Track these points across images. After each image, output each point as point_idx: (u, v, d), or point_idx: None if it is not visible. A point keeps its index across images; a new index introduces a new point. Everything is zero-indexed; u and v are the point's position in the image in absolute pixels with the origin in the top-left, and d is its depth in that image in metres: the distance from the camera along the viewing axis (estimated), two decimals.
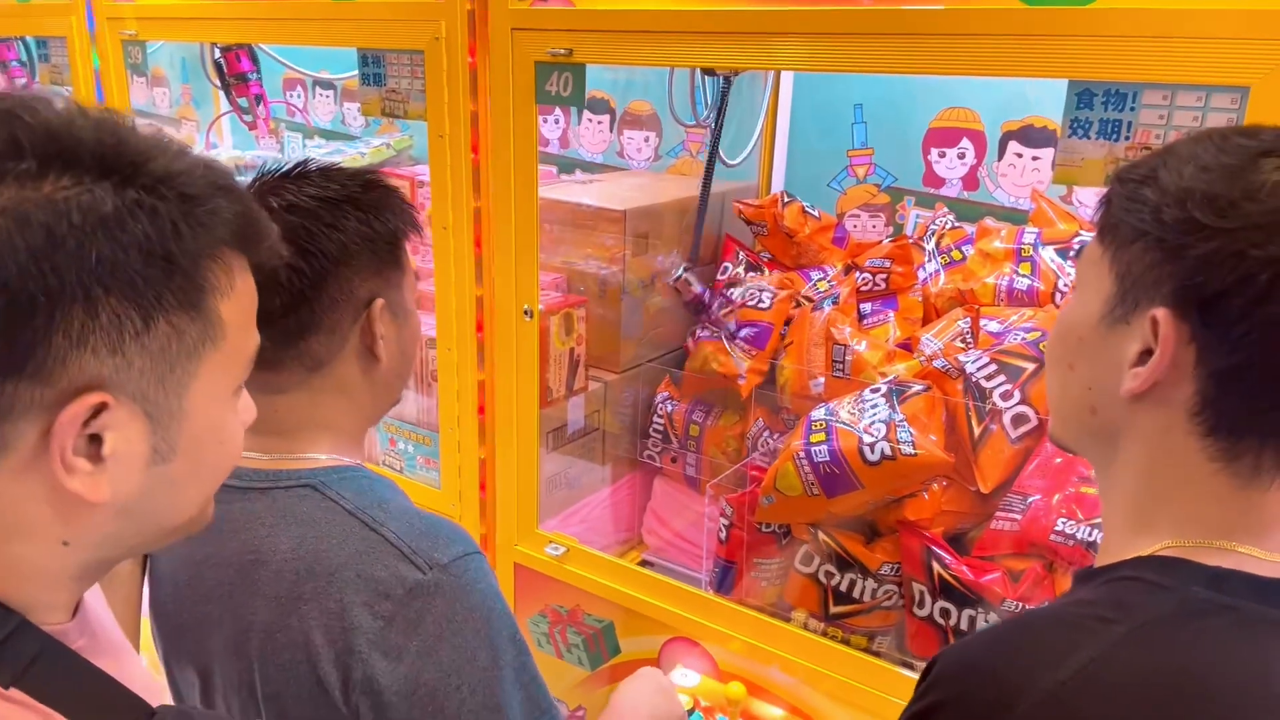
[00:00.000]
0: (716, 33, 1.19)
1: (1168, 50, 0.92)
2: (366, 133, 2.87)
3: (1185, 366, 0.63)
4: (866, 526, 1.33)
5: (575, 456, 1.83)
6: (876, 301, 1.72)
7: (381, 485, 0.93)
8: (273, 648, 0.85)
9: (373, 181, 0.95)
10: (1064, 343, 0.73)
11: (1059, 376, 0.75)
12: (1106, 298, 0.68)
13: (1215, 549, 0.65)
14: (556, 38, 1.32)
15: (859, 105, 2.01)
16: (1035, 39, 0.99)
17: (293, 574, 0.85)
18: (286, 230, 0.86)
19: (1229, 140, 0.64)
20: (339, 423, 0.95)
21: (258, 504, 0.89)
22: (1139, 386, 0.65)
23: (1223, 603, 0.63)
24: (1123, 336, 0.66)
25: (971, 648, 0.70)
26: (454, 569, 0.84)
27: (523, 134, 1.41)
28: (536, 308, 1.50)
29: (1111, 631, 0.62)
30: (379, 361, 0.94)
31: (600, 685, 1.59)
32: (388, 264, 0.94)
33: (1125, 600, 0.65)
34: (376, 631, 0.81)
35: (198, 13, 1.75)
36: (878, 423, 1.26)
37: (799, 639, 1.33)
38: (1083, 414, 0.72)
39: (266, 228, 0.63)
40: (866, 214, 2.06)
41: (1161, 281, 0.63)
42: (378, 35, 1.51)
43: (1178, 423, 0.65)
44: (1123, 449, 0.69)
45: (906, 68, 1.09)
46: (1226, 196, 0.61)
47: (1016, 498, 1.25)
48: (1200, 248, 0.61)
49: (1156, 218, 0.64)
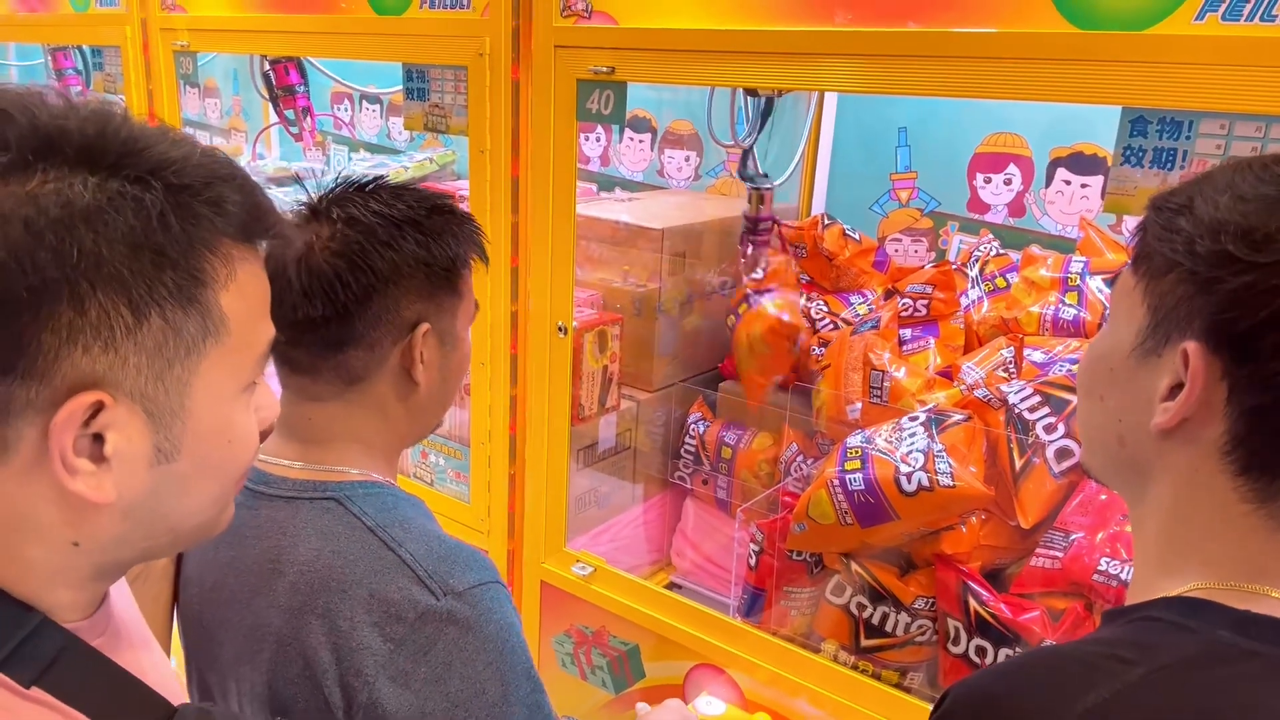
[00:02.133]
0: (760, 53, 1.18)
1: (1226, 78, 0.89)
2: (411, 147, 2.91)
3: (1216, 403, 0.61)
4: (901, 558, 1.30)
5: (606, 475, 1.81)
6: (917, 328, 1.69)
7: (407, 505, 0.92)
8: (284, 659, 0.84)
9: (441, 206, 0.94)
10: (1094, 373, 0.71)
11: (1089, 407, 0.73)
12: (1139, 329, 0.66)
13: (1245, 592, 0.63)
14: (599, 55, 1.31)
15: (903, 128, 1.98)
16: (1088, 64, 0.97)
17: (308, 586, 0.84)
18: (341, 243, 0.88)
19: (1269, 169, 0.62)
20: (372, 439, 0.94)
21: (282, 512, 0.89)
22: (1168, 422, 0.63)
23: (1248, 648, 0.61)
24: (1154, 369, 0.65)
25: (986, 679, 0.68)
26: (469, 597, 0.82)
27: (562, 150, 1.40)
28: (570, 325, 1.49)
29: (1130, 672, 0.60)
30: (417, 385, 0.93)
31: (624, 709, 1.56)
32: (442, 290, 0.92)
33: (1146, 641, 0.63)
34: (385, 654, 0.80)
35: (248, 25, 1.78)
36: (915, 452, 1.23)
37: (828, 671, 1.30)
38: (1112, 446, 0.70)
39: (272, 218, 0.61)
40: (909, 238, 2.03)
41: (1194, 315, 0.61)
42: (423, 51, 1.52)
43: (1209, 461, 0.63)
44: (1153, 485, 0.67)
45: (955, 91, 1.07)
46: (1263, 230, 0.59)
47: (1059, 534, 1.21)
48: (1233, 282, 0.59)
49: (1190, 249, 0.62)
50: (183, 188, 0.54)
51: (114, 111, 0.55)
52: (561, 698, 1.67)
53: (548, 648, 1.65)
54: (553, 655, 1.65)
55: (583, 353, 1.62)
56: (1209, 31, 0.90)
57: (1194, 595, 0.64)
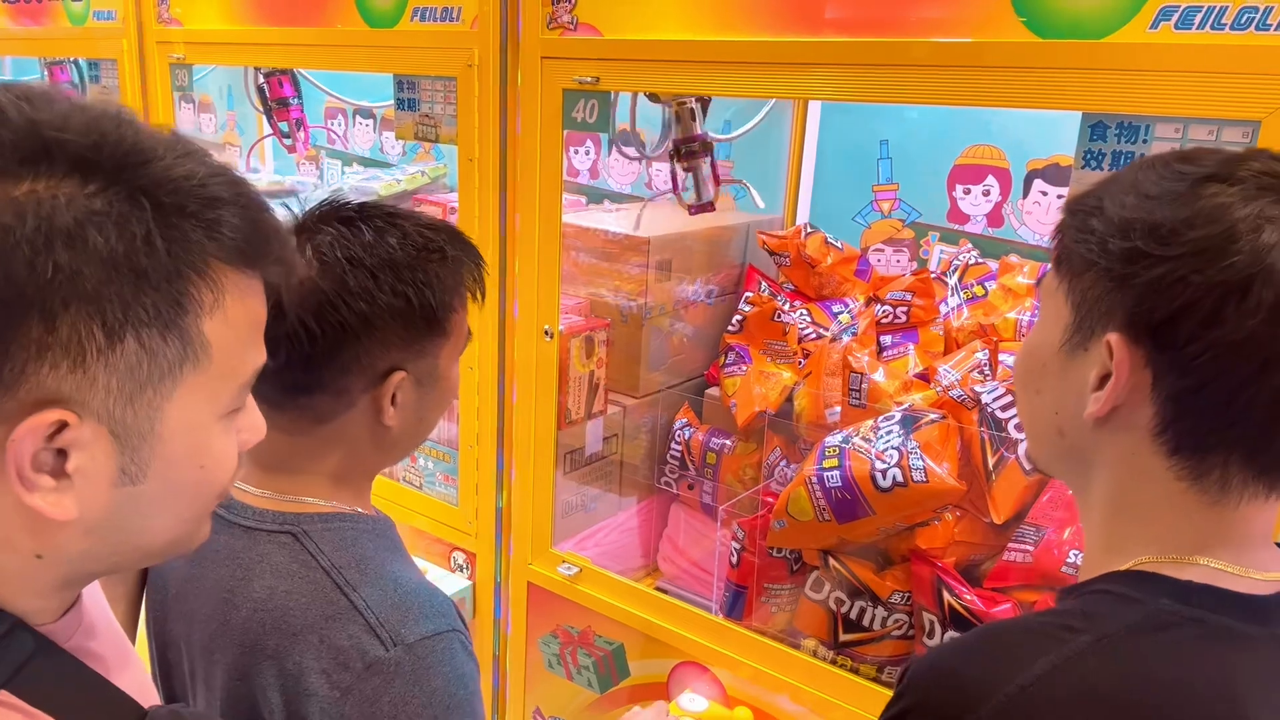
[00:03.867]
0: (739, 62, 1.22)
1: (1180, 83, 0.94)
2: (403, 161, 2.94)
3: (1143, 389, 0.65)
4: (878, 555, 1.33)
5: (592, 480, 1.84)
6: (897, 334, 1.72)
7: (368, 539, 0.89)
8: (235, 694, 0.84)
9: (431, 246, 0.86)
10: (1029, 370, 0.75)
11: (1027, 401, 0.77)
12: (1065, 325, 0.69)
13: (1186, 564, 0.66)
14: (584, 66, 1.35)
15: (884, 141, 2.03)
16: (1049, 71, 1.01)
17: (259, 626, 0.82)
18: (309, 289, 0.81)
19: (1170, 167, 0.66)
20: (340, 471, 0.90)
21: (240, 541, 0.87)
22: (1099, 411, 0.67)
23: (1189, 615, 0.64)
24: (1082, 362, 0.68)
25: (942, 654, 0.72)
26: (419, 649, 0.80)
27: (549, 158, 1.44)
28: (557, 329, 1.52)
29: (1077, 641, 0.63)
30: (389, 429, 0.88)
31: (610, 708, 1.58)
32: (423, 335, 0.87)
33: (1093, 611, 0.66)
34: (332, 702, 0.79)
35: (243, 38, 1.82)
36: (891, 449, 1.26)
37: (808, 666, 1.33)
38: (1053, 437, 0.74)
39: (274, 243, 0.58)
40: (891, 249, 2.07)
41: (1113, 309, 0.65)
42: (413, 62, 1.56)
43: (1143, 444, 0.66)
44: (1094, 470, 0.71)
45: (925, 98, 1.11)
46: (1168, 224, 0.62)
47: (1030, 529, 1.24)
48: (1145, 275, 0.63)
49: (1104, 248, 0.65)
50: (176, 208, 0.51)
51: (122, 117, 0.52)
52: (548, 698, 1.68)
53: (534, 649, 1.67)
54: (539, 656, 1.67)
55: (570, 357, 1.65)
56: (1163, 39, 0.94)
57: (1138, 569, 0.67)
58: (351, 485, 0.92)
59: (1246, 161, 0.64)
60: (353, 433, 0.88)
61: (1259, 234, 0.60)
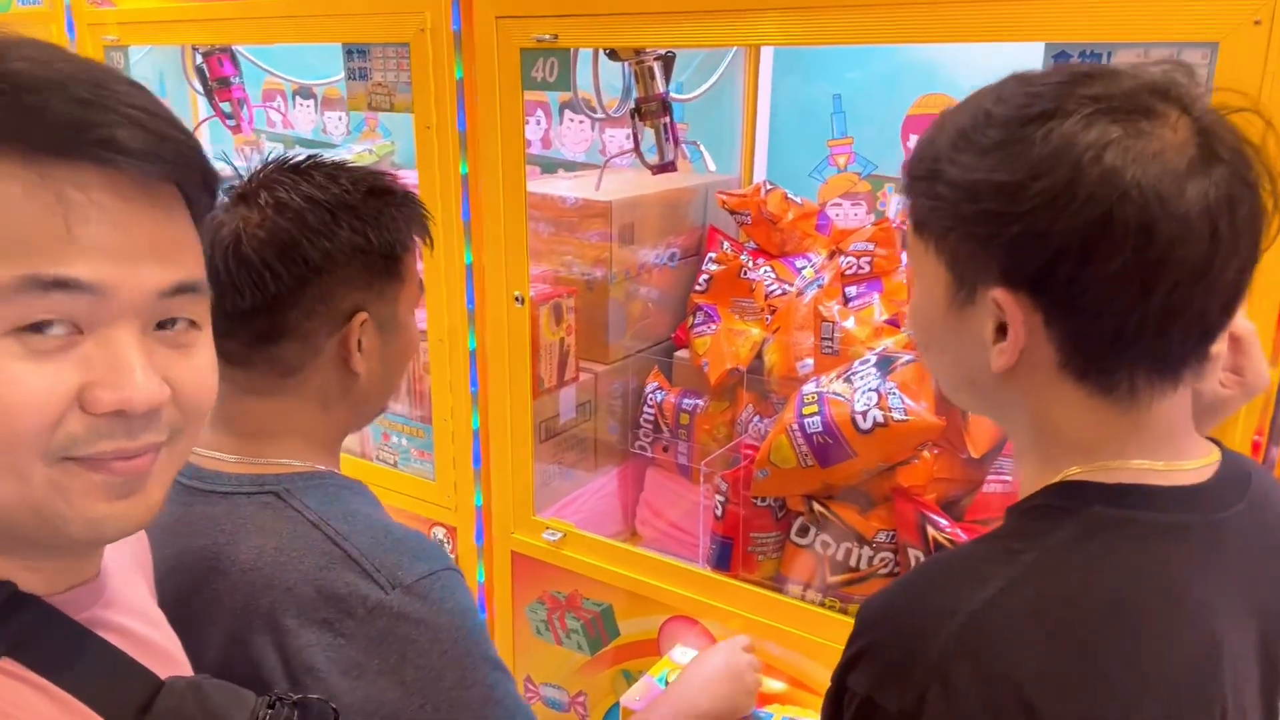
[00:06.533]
0: (697, 12, 1.21)
1: (1141, 8, 0.95)
2: (347, 141, 2.89)
3: (1038, 331, 0.65)
4: (861, 496, 1.35)
5: (566, 449, 1.83)
6: (861, 284, 1.74)
7: (350, 494, 0.90)
8: (229, 660, 0.82)
9: (379, 188, 0.90)
10: (923, 329, 0.75)
11: (933, 359, 0.77)
12: (946, 284, 0.69)
13: (1114, 468, 0.68)
14: (541, 24, 1.34)
15: (837, 95, 2.04)
16: (1009, 4, 1.02)
17: (249, 586, 0.82)
18: (271, 231, 0.84)
19: (991, 115, 0.64)
20: (312, 430, 0.91)
21: (219, 508, 0.86)
22: (1008, 362, 0.67)
23: (1123, 516, 0.66)
24: (974, 317, 0.68)
25: (891, 591, 0.72)
26: (419, 589, 0.81)
27: (510, 120, 1.42)
28: (528, 294, 1.51)
29: (1020, 560, 0.65)
30: (357, 375, 0.90)
31: (601, 669, 1.59)
32: (381, 277, 0.90)
33: (1031, 529, 0.68)
34: (337, 649, 0.79)
35: (181, 15, 1.76)
36: (869, 391, 1.28)
37: (797, 610, 1.34)
38: (965, 387, 0.75)
39: (59, 114, 0.50)
40: (849, 202, 2.09)
41: (988, 264, 0.65)
42: (362, 29, 1.52)
43: (1050, 376, 0.67)
44: (1011, 407, 0.72)
45: (882, 38, 1.12)
46: (1013, 180, 0.62)
47: (1007, 460, 1.27)
48: (1006, 233, 0.63)
49: (957, 213, 0.66)
50: None
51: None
52: (538, 665, 1.69)
53: (521, 617, 1.67)
54: (527, 624, 1.67)
55: (539, 326, 1.64)
56: None
57: (1069, 480, 0.69)
58: (325, 446, 0.93)
59: (1068, 91, 0.62)
60: (321, 384, 0.90)
61: (1102, 161, 0.59)
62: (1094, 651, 0.61)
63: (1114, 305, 0.62)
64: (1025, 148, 0.62)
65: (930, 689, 0.61)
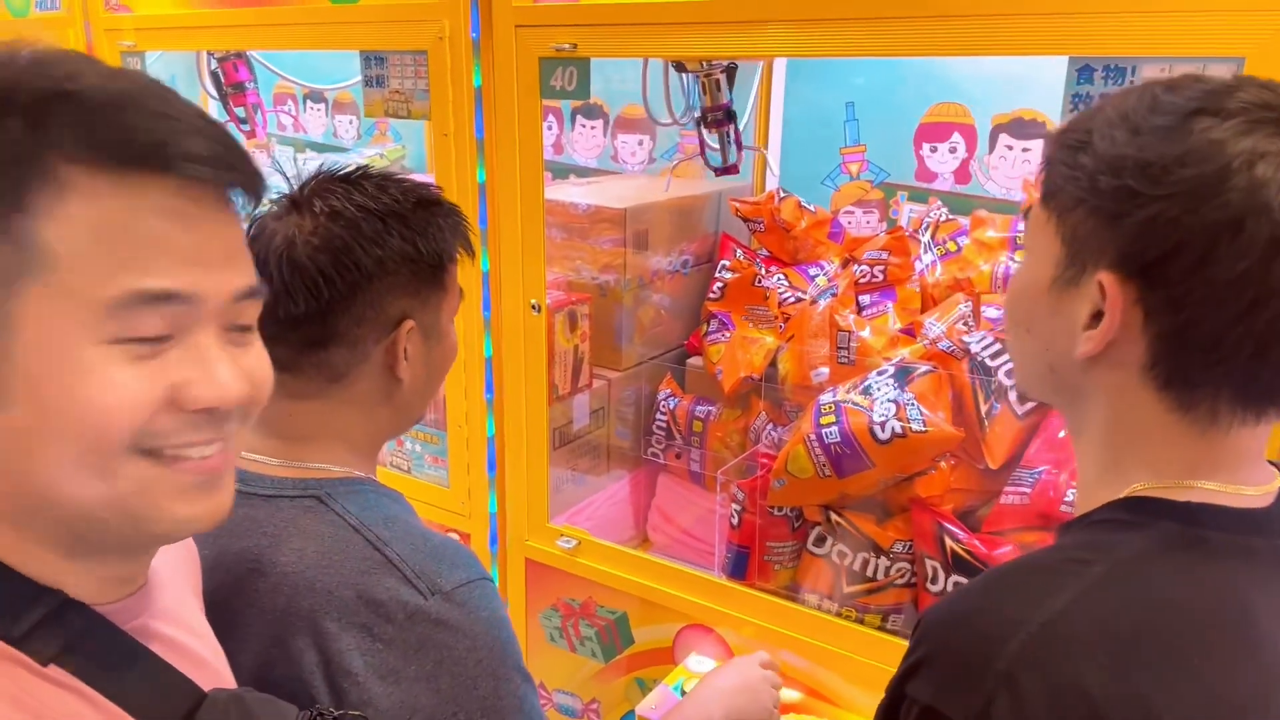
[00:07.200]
0: (718, 23, 1.22)
1: (1166, 23, 0.95)
2: (359, 144, 2.89)
3: (1134, 326, 0.65)
4: (878, 506, 1.35)
5: (580, 455, 1.84)
6: (875, 293, 1.75)
7: (389, 500, 0.91)
8: (268, 661, 0.83)
9: (428, 199, 0.93)
10: (1019, 306, 0.75)
11: (1017, 338, 0.76)
12: (1055, 261, 0.69)
13: (1183, 487, 0.67)
14: (560, 33, 1.34)
15: (850, 103, 2.04)
16: (1035, 17, 1.02)
17: (291, 588, 0.82)
18: (325, 237, 0.86)
19: (1159, 100, 0.64)
20: (355, 436, 0.93)
21: (261, 511, 0.87)
22: (1093, 350, 0.67)
23: (1195, 535, 0.65)
24: (1073, 299, 0.68)
25: (955, 601, 0.71)
26: (457, 596, 0.82)
27: (527, 129, 1.43)
28: (544, 302, 1.51)
29: (1090, 572, 0.64)
30: (400, 381, 0.92)
31: (615, 677, 1.59)
32: (427, 285, 0.92)
33: (1100, 541, 0.67)
34: (375, 654, 0.79)
35: (197, 21, 1.76)
36: (886, 402, 1.28)
37: (813, 620, 1.34)
38: (1044, 372, 0.74)
39: (143, 129, 0.51)
40: (861, 210, 2.09)
41: (1105, 247, 0.65)
42: (380, 37, 1.53)
43: (1132, 378, 0.66)
44: (1086, 403, 0.71)
45: (906, 50, 1.12)
46: (1160, 162, 0.61)
47: (1025, 472, 1.27)
48: (1137, 215, 0.62)
49: (1094, 186, 0.65)
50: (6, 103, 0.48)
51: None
52: (551, 671, 1.69)
53: (535, 624, 1.67)
54: (540, 631, 1.67)
55: (553, 333, 1.64)
56: None
57: (1137, 495, 0.68)
58: (365, 452, 0.95)
59: (1235, 93, 0.63)
60: (366, 390, 0.91)
61: (1252, 170, 0.59)
62: (1165, 667, 0.61)
63: (1219, 313, 0.61)
64: (1180, 135, 0.61)
65: (997, 698, 0.60)
